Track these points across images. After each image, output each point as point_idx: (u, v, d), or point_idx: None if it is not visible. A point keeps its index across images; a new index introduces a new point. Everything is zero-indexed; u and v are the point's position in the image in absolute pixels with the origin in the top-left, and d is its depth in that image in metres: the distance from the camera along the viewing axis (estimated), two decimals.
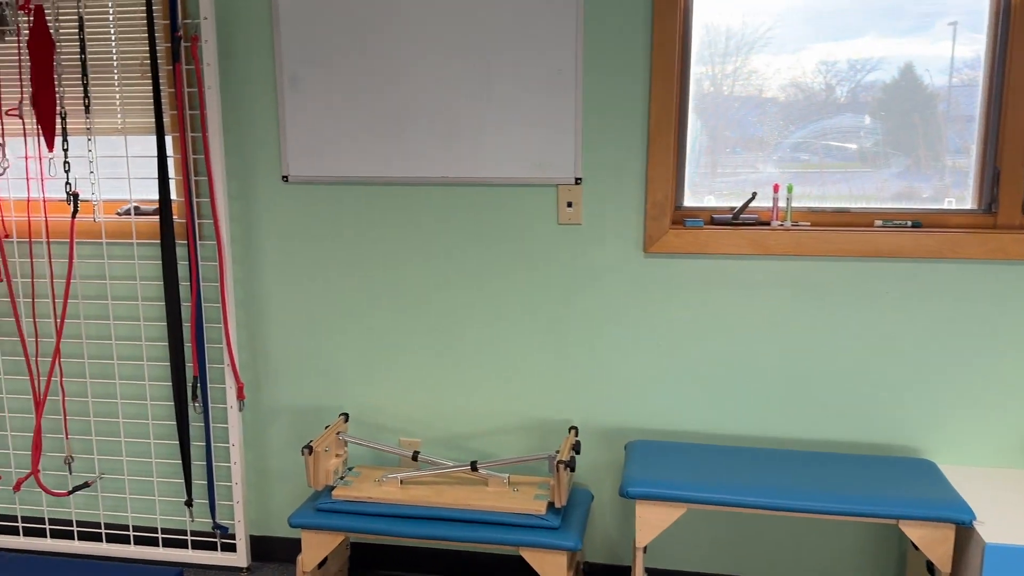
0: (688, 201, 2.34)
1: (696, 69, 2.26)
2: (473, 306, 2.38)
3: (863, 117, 2.22)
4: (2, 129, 2.39)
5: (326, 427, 2.44)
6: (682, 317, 2.29)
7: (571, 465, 2.11)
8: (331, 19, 2.27)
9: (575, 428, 2.32)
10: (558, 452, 2.17)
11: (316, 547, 2.23)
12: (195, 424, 2.54)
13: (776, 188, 2.24)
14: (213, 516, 2.54)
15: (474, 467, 2.25)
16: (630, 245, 2.28)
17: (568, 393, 2.38)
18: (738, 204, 2.29)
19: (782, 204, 2.24)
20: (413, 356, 2.44)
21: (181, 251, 2.44)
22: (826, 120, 2.23)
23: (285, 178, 2.39)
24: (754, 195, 2.26)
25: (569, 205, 2.30)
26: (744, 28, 2.22)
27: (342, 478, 2.34)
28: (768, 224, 2.25)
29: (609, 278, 2.31)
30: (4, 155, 2.40)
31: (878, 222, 2.21)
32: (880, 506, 1.92)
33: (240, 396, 2.49)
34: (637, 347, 2.32)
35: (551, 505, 2.17)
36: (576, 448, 2.23)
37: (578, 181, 2.28)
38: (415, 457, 2.35)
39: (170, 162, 2.42)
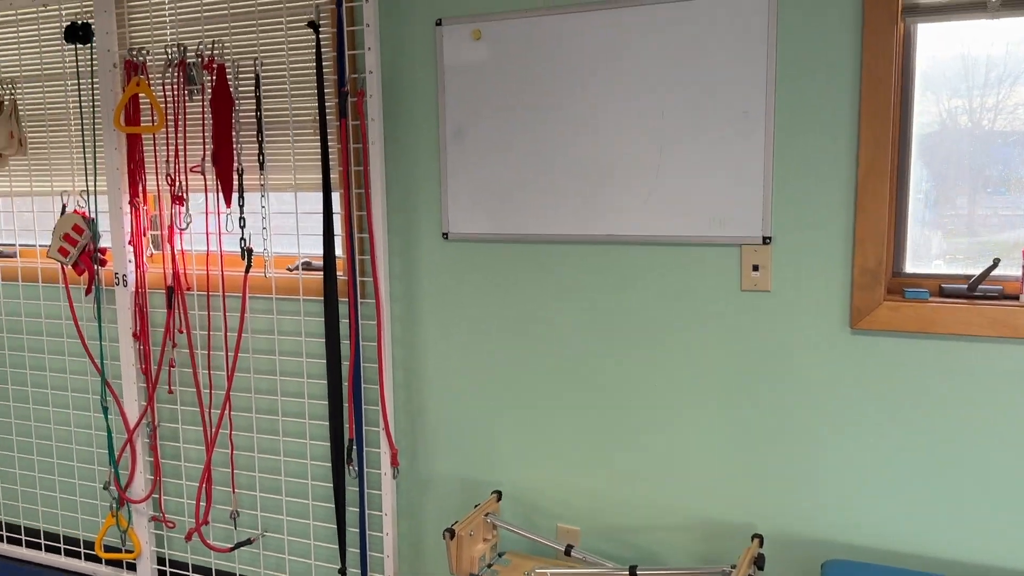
0: (910, 266, 1.91)
1: (925, 106, 1.85)
2: (642, 382, 2.09)
3: None
4: (186, 185, 2.48)
5: (475, 506, 2.23)
6: (898, 410, 1.84)
7: None
8: (495, 70, 2.12)
9: (759, 537, 1.93)
10: (734, 568, 1.80)
11: None
12: (351, 488, 2.43)
13: None
14: None
15: (633, 573, 1.93)
16: (832, 319, 1.89)
17: (751, 492, 2.00)
18: (976, 272, 1.83)
19: None
20: (575, 433, 2.18)
21: (345, 308, 2.37)
22: None
23: (445, 235, 2.25)
24: (996, 262, 1.79)
25: (755, 269, 1.95)
26: (1007, 57, 1.78)
27: (489, 566, 2.11)
28: (1017, 299, 1.76)
29: (804, 357, 1.92)
30: (187, 211, 2.48)
31: None
32: None
33: (394, 463, 2.36)
34: (839, 442, 1.90)
35: None
36: (759, 562, 1.84)
37: (766, 240, 1.93)
38: (568, 552, 2.07)
39: (338, 219, 2.37)
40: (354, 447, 2.36)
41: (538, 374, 2.20)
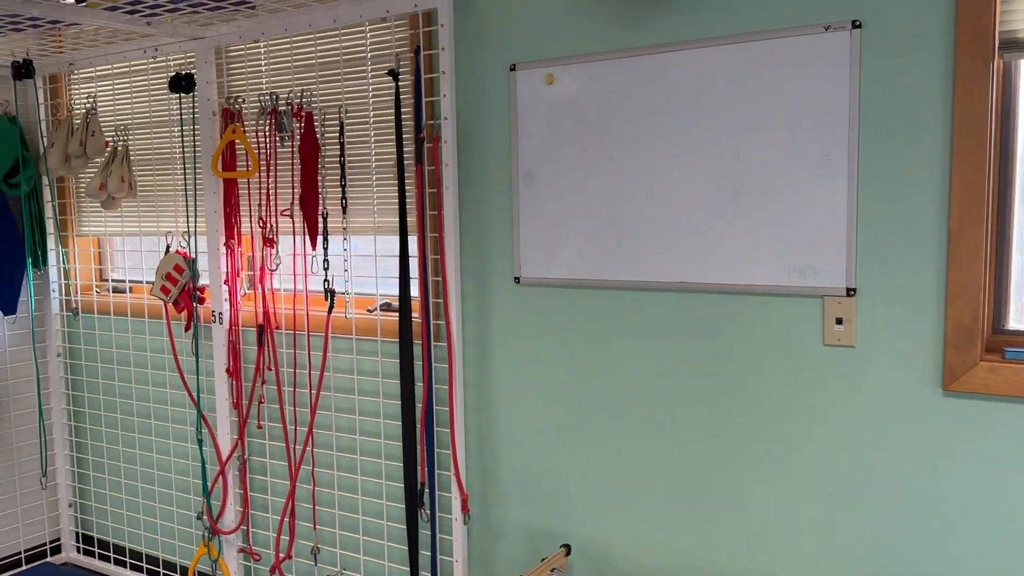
0: (1014, 323, 1.73)
1: None
2: (717, 439, 1.98)
3: None
4: (277, 228, 2.56)
5: (542, 559, 2.17)
6: (996, 482, 1.67)
7: None
8: (567, 114, 2.09)
9: None
10: None
11: None
12: (425, 531, 2.43)
13: None
14: None
15: None
16: (922, 379, 1.73)
17: (838, 563, 1.86)
18: None
19: None
20: (646, 488, 2.09)
21: (420, 350, 2.38)
22: None
23: (517, 279, 2.23)
24: None
25: (839, 322, 1.82)
26: None
27: None
28: None
29: (892, 419, 1.77)
30: (277, 253, 2.56)
31: None
32: None
33: (464, 509, 2.33)
34: (934, 514, 1.74)
35: None
36: None
37: (850, 292, 1.80)
38: None
39: (415, 261, 2.39)
40: (426, 491, 2.35)
41: (611, 423, 2.13)
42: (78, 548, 3.38)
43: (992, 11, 1.61)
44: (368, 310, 2.55)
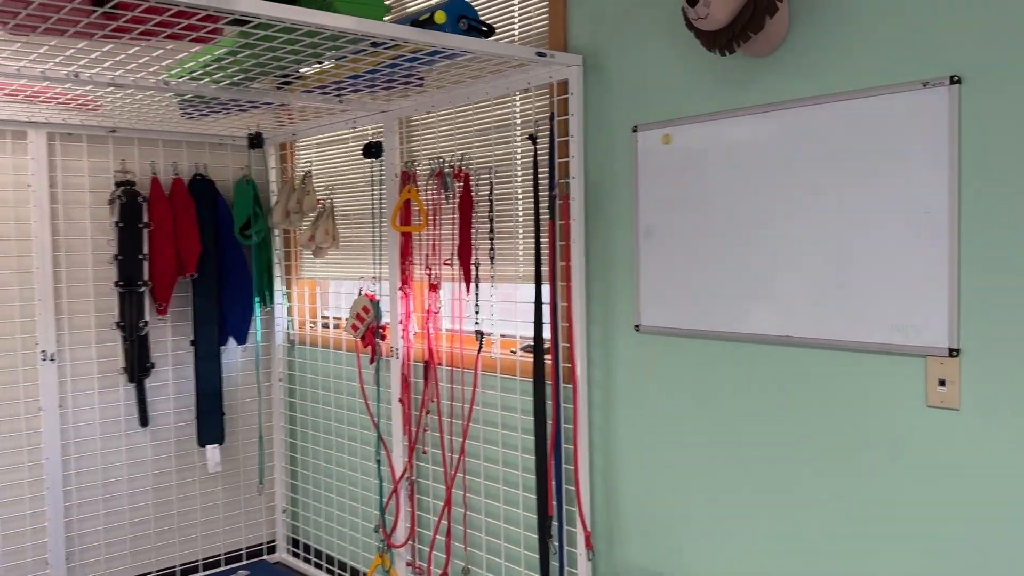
0: None
1: None
2: (822, 494, 1.96)
3: None
4: (440, 275, 2.88)
5: None
6: None
7: None
8: (682, 171, 2.20)
9: None
10: None
11: None
12: (555, 562, 2.58)
13: None
14: None
15: None
16: None
17: None
18: None
19: None
20: (756, 540, 2.10)
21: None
22: None
23: (637, 327, 2.34)
24: None
25: (941, 383, 1.76)
26: None
27: None
28: None
29: (998, 487, 1.67)
30: (439, 297, 2.88)
31: None
32: None
33: (588, 545, 2.46)
34: None
35: None
36: None
37: (953, 353, 1.74)
38: None
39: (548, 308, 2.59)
40: (553, 524, 2.51)
41: (721, 472, 2.17)
42: (289, 551, 3.90)
43: None
44: (511, 351, 2.78)
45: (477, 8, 2.79)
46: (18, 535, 3.24)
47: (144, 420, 3.48)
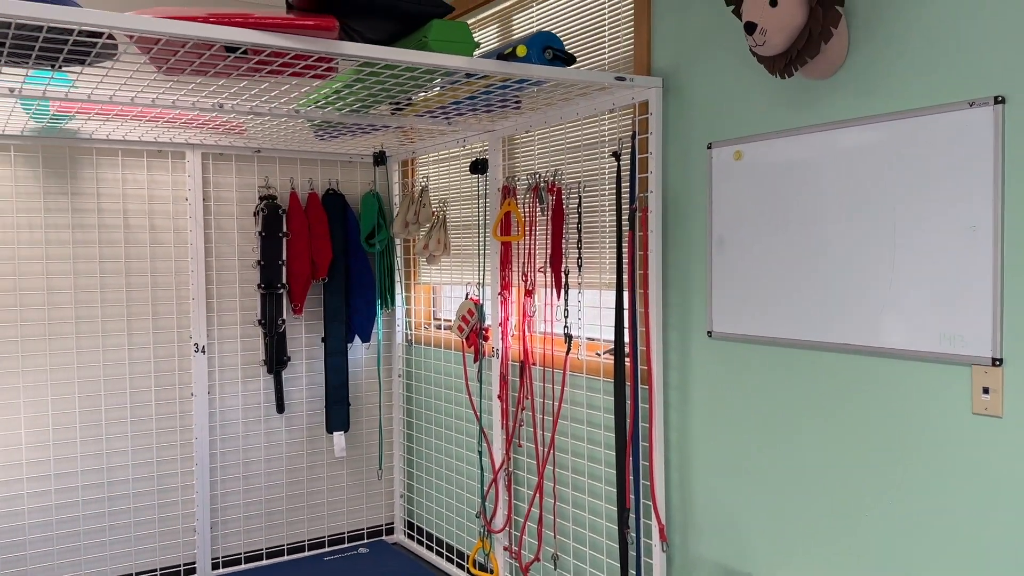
0: None
1: None
2: (875, 497, 2.05)
3: None
4: (535, 282, 3.11)
5: None
6: None
7: None
8: (751, 186, 2.34)
9: None
10: None
11: None
12: (633, 552, 2.75)
13: None
14: None
15: None
16: None
17: None
18: None
19: None
20: (819, 540, 2.20)
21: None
22: None
23: (709, 333, 2.49)
24: None
25: (985, 392, 1.82)
26: None
27: None
28: None
29: None
30: (534, 302, 3.11)
31: None
32: None
33: (662, 537, 2.62)
34: None
35: None
36: None
37: (996, 362, 1.80)
38: None
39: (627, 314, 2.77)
40: (631, 516, 2.68)
41: (786, 473, 2.28)
42: (405, 532, 4.24)
43: None
44: (597, 354, 2.97)
45: (571, 37, 3.01)
46: (171, 504, 3.73)
47: (280, 407, 3.91)
